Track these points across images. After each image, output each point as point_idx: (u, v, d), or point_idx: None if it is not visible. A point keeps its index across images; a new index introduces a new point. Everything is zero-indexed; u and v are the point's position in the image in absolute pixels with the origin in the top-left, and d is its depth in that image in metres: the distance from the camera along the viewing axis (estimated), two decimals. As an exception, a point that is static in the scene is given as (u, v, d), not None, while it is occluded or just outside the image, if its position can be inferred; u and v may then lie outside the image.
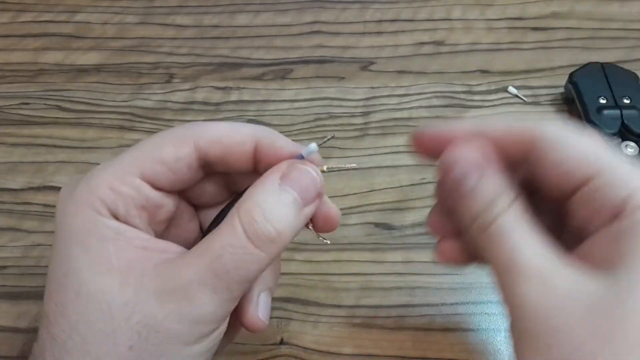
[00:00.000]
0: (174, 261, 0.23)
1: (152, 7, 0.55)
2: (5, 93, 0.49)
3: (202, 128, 0.25)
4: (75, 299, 0.22)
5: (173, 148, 0.24)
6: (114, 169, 0.24)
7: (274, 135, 0.26)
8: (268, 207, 0.23)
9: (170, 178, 0.25)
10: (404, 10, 0.54)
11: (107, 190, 0.23)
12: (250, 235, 0.23)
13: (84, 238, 0.23)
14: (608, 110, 0.43)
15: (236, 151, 0.25)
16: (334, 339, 0.37)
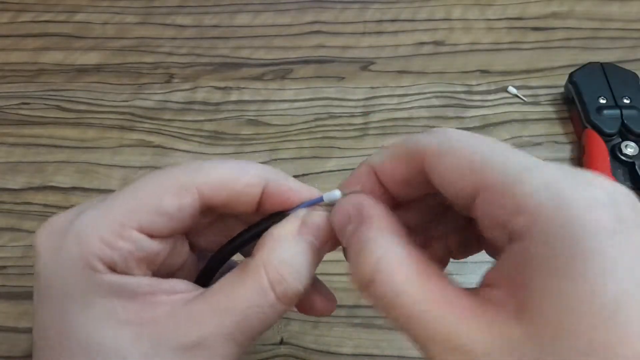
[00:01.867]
0: (191, 308, 0.22)
1: (152, 7, 0.55)
2: (5, 93, 0.49)
3: (206, 172, 0.23)
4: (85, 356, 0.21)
5: (174, 198, 0.22)
6: (107, 221, 0.22)
7: (282, 177, 0.24)
8: (295, 264, 0.23)
9: (170, 227, 0.23)
10: (404, 10, 0.54)
11: (101, 246, 0.21)
12: (280, 296, 0.22)
13: (83, 297, 0.21)
14: (608, 110, 0.43)
15: (243, 196, 0.24)
16: (334, 339, 0.37)
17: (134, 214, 0.22)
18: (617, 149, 0.42)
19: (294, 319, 0.37)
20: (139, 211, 0.22)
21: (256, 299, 0.22)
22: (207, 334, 0.21)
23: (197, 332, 0.22)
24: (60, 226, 0.22)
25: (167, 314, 0.22)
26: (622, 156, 0.42)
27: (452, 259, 0.27)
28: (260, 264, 0.22)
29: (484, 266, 0.39)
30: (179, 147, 0.45)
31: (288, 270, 0.22)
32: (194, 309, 0.22)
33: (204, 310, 0.22)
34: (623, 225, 0.17)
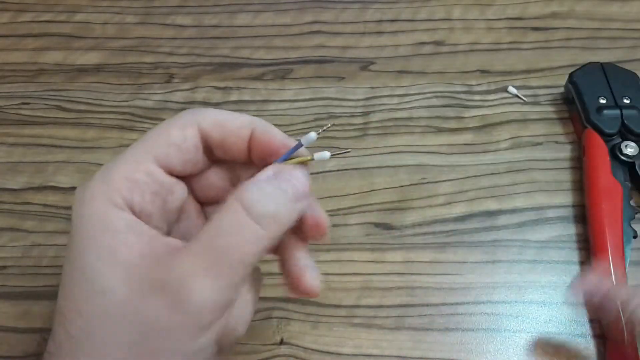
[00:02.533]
0: (173, 253, 0.23)
1: (152, 7, 0.55)
2: (5, 93, 0.49)
3: (204, 113, 0.27)
4: (91, 296, 0.23)
5: (179, 129, 0.26)
6: (127, 159, 0.25)
7: (268, 126, 0.27)
8: (265, 190, 0.24)
9: (181, 159, 0.26)
10: (404, 10, 0.54)
11: (121, 180, 0.24)
12: (251, 211, 0.23)
13: (97, 231, 0.23)
14: (608, 110, 0.43)
15: (234, 136, 0.27)
16: (334, 339, 0.37)
17: (148, 149, 0.25)
18: (617, 149, 0.42)
19: (294, 319, 0.37)
20: (152, 146, 0.26)
21: (226, 220, 0.23)
22: (180, 269, 0.22)
23: (171, 270, 0.23)
24: (93, 176, 0.25)
25: (156, 261, 0.23)
26: (622, 156, 0.42)
27: None
28: (233, 198, 0.24)
29: (484, 266, 0.39)
30: (179, 147, 0.45)
31: (257, 192, 0.24)
32: (175, 252, 0.23)
33: (182, 250, 0.23)
34: None
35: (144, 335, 0.22)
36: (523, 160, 0.44)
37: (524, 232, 0.41)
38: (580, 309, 0.38)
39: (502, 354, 0.36)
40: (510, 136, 0.45)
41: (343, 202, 0.42)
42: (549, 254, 0.40)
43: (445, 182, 0.43)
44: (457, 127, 0.46)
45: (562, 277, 0.39)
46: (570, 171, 0.44)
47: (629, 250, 0.38)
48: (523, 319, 0.38)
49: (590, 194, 0.41)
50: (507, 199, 0.42)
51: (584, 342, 0.37)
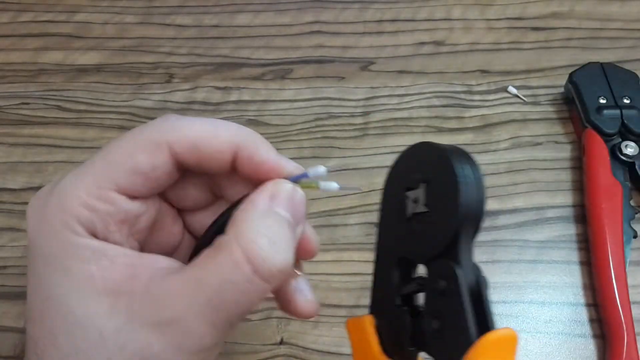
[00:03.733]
0: (167, 284, 0.21)
1: (152, 7, 0.55)
2: (5, 93, 0.49)
3: (177, 131, 0.23)
4: (64, 326, 0.21)
5: (148, 156, 0.22)
6: (85, 183, 0.22)
7: (255, 145, 0.24)
8: (270, 234, 0.21)
9: (147, 186, 0.23)
10: (404, 10, 0.54)
11: (81, 208, 0.22)
12: (257, 269, 0.21)
13: (62, 261, 0.21)
14: (608, 110, 0.43)
15: (214, 159, 0.23)
16: (334, 339, 0.37)
17: (110, 175, 0.22)
18: (617, 149, 0.42)
19: (294, 319, 0.37)
20: (115, 171, 0.22)
21: (229, 274, 0.21)
22: (180, 311, 0.21)
23: (170, 308, 0.21)
24: (45, 193, 0.23)
25: (144, 288, 0.21)
26: (622, 156, 0.42)
27: None
28: (232, 237, 0.21)
29: (484, 266, 0.39)
30: (179, 147, 0.45)
31: (262, 240, 0.21)
32: (169, 284, 0.21)
33: (177, 286, 0.21)
34: None
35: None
36: (523, 160, 0.44)
37: (524, 232, 0.41)
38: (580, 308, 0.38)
39: (502, 354, 0.36)
40: (510, 136, 0.45)
41: (343, 202, 0.42)
42: (549, 254, 0.40)
43: (445, 182, 0.43)
44: (457, 127, 0.46)
45: (562, 277, 0.39)
46: (570, 171, 0.44)
47: (629, 250, 0.38)
48: (523, 319, 0.38)
49: (590, 194, 0.41)
50: (507, 199, 0.42)
51: (584, 342, 0.37)
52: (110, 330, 0.21)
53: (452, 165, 0.21)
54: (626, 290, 0.37)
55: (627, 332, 0.35)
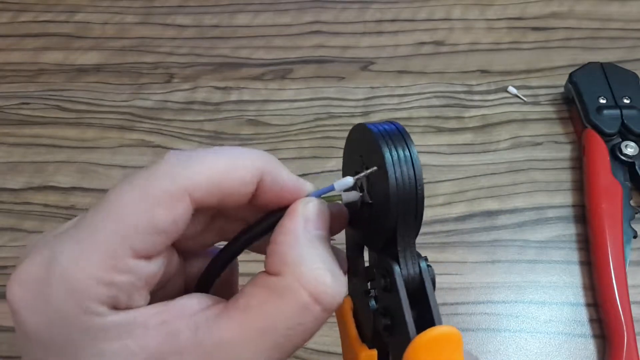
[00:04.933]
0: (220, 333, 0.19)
1: (152, 7, 0.55)
2: (5, 93, 0.49)
3: (193, 174, 0.20)
4: None
5: (166, 211, 0.19)
6: (95, 255, 0.18)
7: (276, 170, 0.22)
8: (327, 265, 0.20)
9: (166, 243, 0.20)
10: (404, 10, 0.54)
11: (97, 286, 0.18)
12: (328, 306, 0.20)
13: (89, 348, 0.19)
14: (608, 110, 0.43)
15: (236, 195, 0.21)
16: (334, 339, 0.37)
17: (124, 240, 0.19)
18: (617, 149, 0.42)
19: (294, 319, 0.37)
20: (130, 235, 0.19)
21: (298, 318, 0.20)
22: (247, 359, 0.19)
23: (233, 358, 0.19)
24: (37, 276, 0.19)
25: (192, 342, 0.19)
26: (622, 156, 0.42)
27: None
28: (294, 281, 0.20)
29: (484, 266, 0.39)
30: (179, 147, 0.45)
31: (326, 276, 0.20)
32: (223, 333, 0.19)
33: (236, 335, 0.19)
34: None
35: None
36: (523, 160, 0.44)
37: (524, 232, 0.41)
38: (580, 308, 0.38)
39: (502, 354, 0.36)
40: (510, 136, 0.45)
41: (343, 202, 0.42)
42: (549, 254, 0.40)
43: (445, 182, 0.43)
44: (457, 127, 0.46)
45: (562, 277, 0.39)
46: (570, 171, 0.44)
47: (629, 250, 0.38)
48: (523, 319, 0.38)
49: (590, 194, 0.41)
50: (507, 199, 0.42)
51: (584, 342, 0.37)
52: None
53: (382, 154, 0.21)
54: (626, 290, 0.37)
55: (627, 332, 0.35)
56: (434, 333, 0.20)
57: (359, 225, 0.24)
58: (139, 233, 0.19)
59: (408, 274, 0.21)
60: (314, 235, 0.21)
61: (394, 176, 0.20)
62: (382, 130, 0.22)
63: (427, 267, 0.21)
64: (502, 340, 0.37)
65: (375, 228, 0.22)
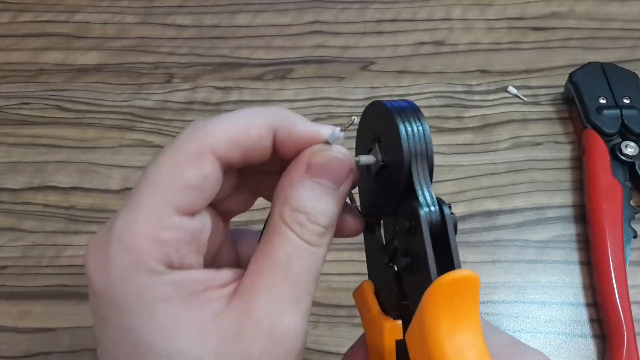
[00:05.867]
0: (243, 292, 0.22)
1: (152, 7, 0.55)
2: (5, 93, 0.49)
3: (213, 133, 0.22)
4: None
5: (195, 168, 0.22)
6: (143, 217, 0.21)
7: (290, 121, 0.23)
8: (308, 207, 0.22)
9: (203, 198, 0.22)
10: (404, 10, 0.54)
11: (150, 244, 0.21)
12: (306, 238, 0.22)
13: (145, 307, 0.21)
14: (608, 110, 0.43)
15: (256, 149, 0.23)
16: (334, 339, 0.37)
17: (164, 200, 0.21)
18: (617, 149, 0.42)
19: (294, 319, 0.37)
20: (168, 194, 0.21)
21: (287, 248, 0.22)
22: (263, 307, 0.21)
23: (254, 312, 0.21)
24: (101, 241, 0.21)
25: (225, 308, 0.21)
26: (622, 156, 0.42)
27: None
28: (278, 218, 0.22)
29: (484, 266, 0.39)
30: (179, 147, 0.45)
31: (303, 217, 0.22)
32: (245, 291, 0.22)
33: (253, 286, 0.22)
34: None
35: None
36: (523, 160, 0.44)
37: (524, 232, 0.41)
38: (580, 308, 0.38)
39: (502, 354, 0.36)
40: (510, 136, 0.45)
41: (343, 202, 0.42)
42: (549, 254, 0.40)
43: (445, 182, 0.43)
44: (457, 127, 0.46)
45: (562, 277, 0.39)
46: (570, 171, 0.44)
47: (629, 250, 0.38)
48: (523, 319, 0.38)
49: (590, 194, 0.41)
50: (507, 199, 0.42)
51: (584, 342, 0.37)
52: (207, 356, 0.21)
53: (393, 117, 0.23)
54: (626, 290, 0.37)
55: (627, 332, 0.35)
56: (455, 276, 0.20)
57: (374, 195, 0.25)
58: (176, 191, 0.21)
59: (430, 215, 0.22)
60: (311, 183, 0.23)
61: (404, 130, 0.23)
62: (396, 104, 0.24)
63: (450, 213, 0.22)
64: (502, 340, 0.37)
65: (391, 184, 0.23)
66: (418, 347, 0.21)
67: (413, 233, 0.22)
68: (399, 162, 0.23)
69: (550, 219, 0.41)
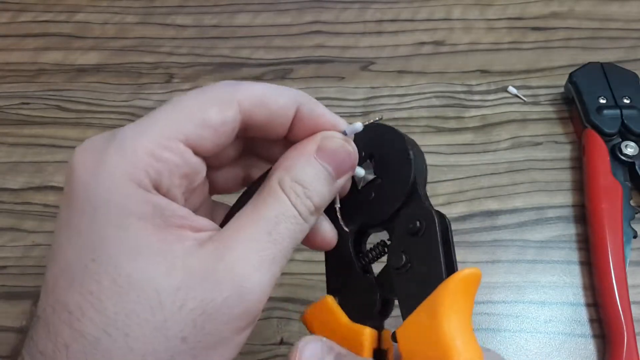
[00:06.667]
0: (220, 238, 0.22)
1: (152, 7, 0.55)
2: (5, 93, 0.49)
3: (245, 88, 0.23)
4: (113, 288, 0.20)
5: (219, 110, 0.22)
6: (151, 132, 0.21)
7: (313, 102, 0.25)
8: (307, 182, 0.23)
9: (214, 142, 0.22)
10: (404, 10, 0.54)
11: (148, 158, 0.21)
12: (298, 208, 0.23)
13: (120, 217, 0.20)
14: (608, 110, 0.43)
15: (279, 116, 0.24)
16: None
17: (179, 126, 0.21)
18: (617, 149, 0.42)
19: (294, 319, 0.37)
20: (185, 123, 0.22)
21: (281, 209, 0.22)
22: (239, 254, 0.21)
23: (228, 256, 0.21)
24: (100, 143, 0.21)
25: (199, 246, 0.21)
26: (622, 156, 0.42)
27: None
28: (276, 183, 0.23)
29: (484, 266, 0.39)
30: (179, 147, 0.45)
31: (301, 189, 0.23)
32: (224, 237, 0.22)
33: (232, 234, 0.22)
34: None
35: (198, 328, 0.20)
36: (523, 160, 0.44)
37: (524, 232, 0.41)
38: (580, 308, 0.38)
39: (502, 354, 0.36)
40: (510, 136, 0.45)
41: (343, 202, 0.42)
42: (549, 254, 0.40)
43: (445, 182, 0.43)
44: (457, 127, 0.46)
45: (562, 277, 0.39)
46: (570, 171, 0.44)
47: (629, 250, 0.38)
48: (523, 319, 0.38)
49: (590, 194, 0.41)
50: (507, 199, 0.42)
51: (584, 342, 0.37)
52: (168, 290, 0.20)
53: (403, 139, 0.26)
54: (626, 290, 0.37)
55: (627, 332, 0.35)
56: (469, 271, 0.23)
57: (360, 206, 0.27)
58: (192, 124, 0.22)
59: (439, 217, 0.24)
60: (317, 162, 0.24)
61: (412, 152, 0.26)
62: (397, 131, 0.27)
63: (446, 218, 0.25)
64: (502, 340, 0.37)
65: (391, 195, 0.26)
66: (423, 339, 0.22)
67: (421, 235, 0.24)
68: (404, 177, 0.25)
69: (550, 219, 0.41)
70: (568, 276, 0.39)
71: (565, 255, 0.40)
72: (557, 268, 0.39)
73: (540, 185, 0.43)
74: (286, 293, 0.38)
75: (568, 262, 0.40)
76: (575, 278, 0.39)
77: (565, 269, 0.39)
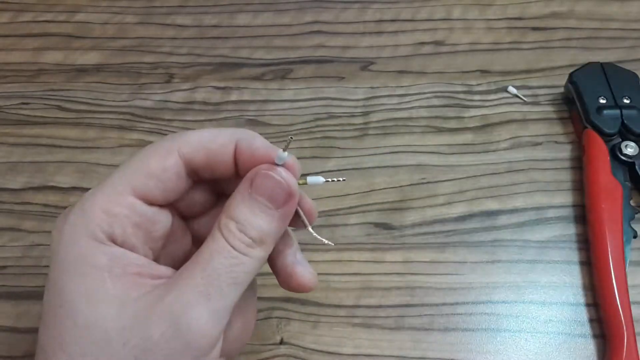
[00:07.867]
0: (167, 282, 0.24)
1: (152, 7, 0.55)
2: (5, 93, 0.49)
3: (185, 137, 0.26)
4: (73, 331, 0.23)
5: (159, 159, 0.25)
6: (105, 191, 0.25)
7: (251, 136, 0.26)
8: (241, 218, 0.24)
9: (161, 189, 0.25)
10: (404, 10, 0.54)
11: (101, 214, 0.24)
12: (231, 242, 0.24)
13: (79, 267, 0.23)
14: (608, 110, 0.43)
15: (219, 155, 0.26)
16: (334, 339, 0.37)
17: (126, 180, 0.25)
18: (617, 149, 0.42)
19: (294, 319, 0.37)
20: (132, 177, 0.25)
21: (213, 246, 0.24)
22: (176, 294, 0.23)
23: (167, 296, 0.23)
24: (69, 209, 0.25)
25: (147, 292, 0.23)
26: (622, 156, 0.42)
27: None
28: (215, 225, 0.25)
29: (484, 266, 0.39)
30: (179, 147, 0.45)
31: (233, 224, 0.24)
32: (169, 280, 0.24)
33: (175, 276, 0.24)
34: None
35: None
36: (523, 160, 0.44)
37: (524, 232, 0.41)
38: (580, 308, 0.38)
39: (502, 354, 0.36)
40: (510, 136, 0.45)
41: (343, 202, 0.42)
42: (549, 254, 0.40)
43: (445, 182, 0.43)
44: (457, 127, 0.46)
45: (562, 277, 0.39)
46: (570, 171, 0.44)
47: (629, 250, 0.38)
48: (523, 319, 0.38)
49: (590, 194, 0.41)
50: (507, 199, 0.42)
51: (584, 342, 0.37)
52: (116, 329, 0.22)
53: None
54: (626, 290, 0.37)
55: (627, 332, 0.35)
56: None
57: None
58: (137, 176, 0.25)
59: None
60: (250, 197, 0.25)
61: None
62: None
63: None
64: (502, 340, 0.37)
65: None
66: None
67: None
68: None
69: (550, 219, 0.41)
70: (568, 276, 0.39)
71: (565, 255, 0.40)
72: (557, 268, 0.39)
73: (540, 185, 0.43)
74: (286, 293, 0.38)
75: (568, 262, 0.40)
76: (575, 278, 0.39)
77: (565, 269, 0.39)
